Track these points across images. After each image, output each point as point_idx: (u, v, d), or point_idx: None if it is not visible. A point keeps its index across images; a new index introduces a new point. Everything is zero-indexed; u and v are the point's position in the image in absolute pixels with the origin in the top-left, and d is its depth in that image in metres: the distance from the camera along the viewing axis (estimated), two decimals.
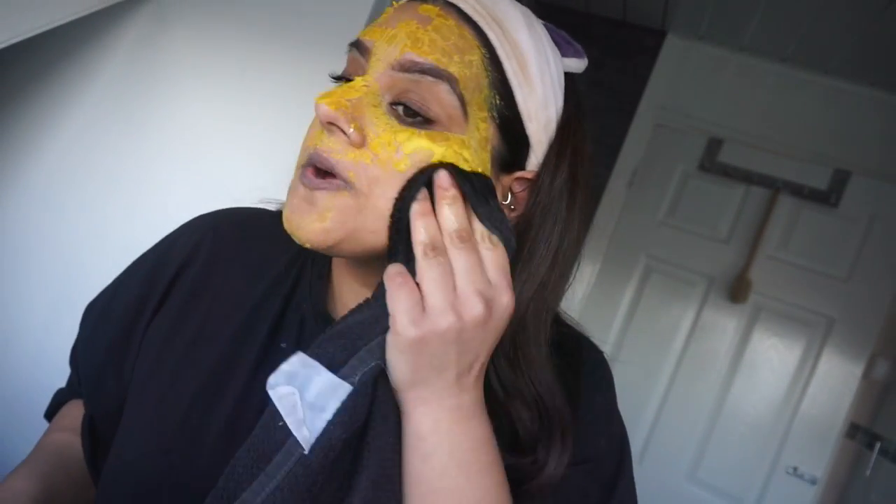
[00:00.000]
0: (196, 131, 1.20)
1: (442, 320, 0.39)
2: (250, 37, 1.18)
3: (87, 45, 1.22)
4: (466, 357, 0.41)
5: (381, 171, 0.42)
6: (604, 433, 0.53)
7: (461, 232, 0.41)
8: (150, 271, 0.58)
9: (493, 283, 0.41)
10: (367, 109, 0.43)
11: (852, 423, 1.96)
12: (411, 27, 0.43)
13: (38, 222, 1.23)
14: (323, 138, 0.43)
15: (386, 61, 0.43)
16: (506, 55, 0.45)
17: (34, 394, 0.70)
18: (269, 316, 0.53)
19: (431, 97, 0.43)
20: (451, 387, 0.42)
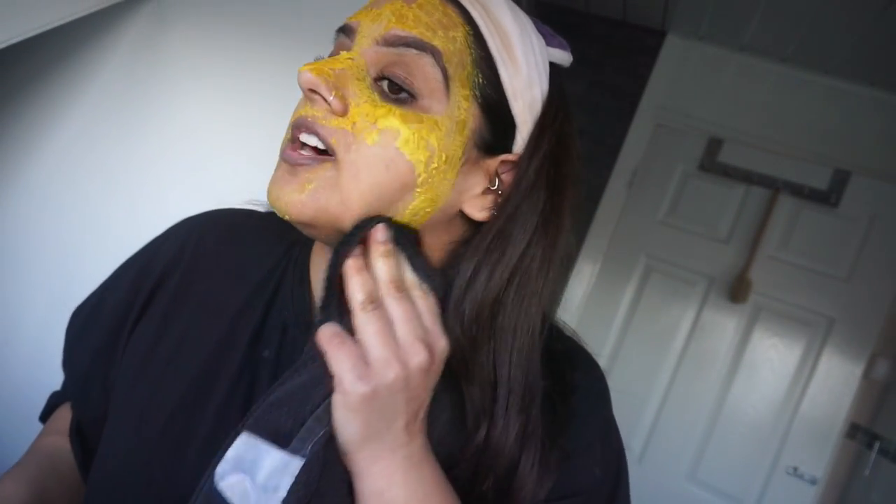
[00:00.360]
0: (196, 131, 1.20)
1: (389, 371, 0.39)
2: (250, 37, 1.18)
3: (87, 45, 1.22)
4: (413, 404, 0.42)
5: (355, 140, 0.42)
6: (599, 461, 0.51)
7: (397, 282, 0.42)
8: (135, 277, 0.58)
9: (429, 329, 0.42)
10: (351, 81, 0.43)
11: (852, 423, 1.96)
12: (396, 5, 0.44)
13: (37, 222, 1.23)
14: (307, 107, 0.44)
15: (371, 37, 0.44)
16: (489, 33, 0.46)
17: (33, 393, 0.70)
18: (251, 324, 0.53)
19: (416, 69, 0.43)
20: (401, 437, 0.42)
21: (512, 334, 0.46)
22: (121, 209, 1.20)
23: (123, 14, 1.20)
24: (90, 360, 0.58)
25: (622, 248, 2.18)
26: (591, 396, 0.53)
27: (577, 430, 0.50)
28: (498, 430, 0.46)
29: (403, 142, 0.42)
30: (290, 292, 0.54)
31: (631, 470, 0.54)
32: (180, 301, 0.55)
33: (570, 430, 0.49)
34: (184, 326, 0.54)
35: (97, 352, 0.58)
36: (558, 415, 0.49)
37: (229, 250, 0.57)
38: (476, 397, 0.46)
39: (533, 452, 0.46)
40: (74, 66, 1.23)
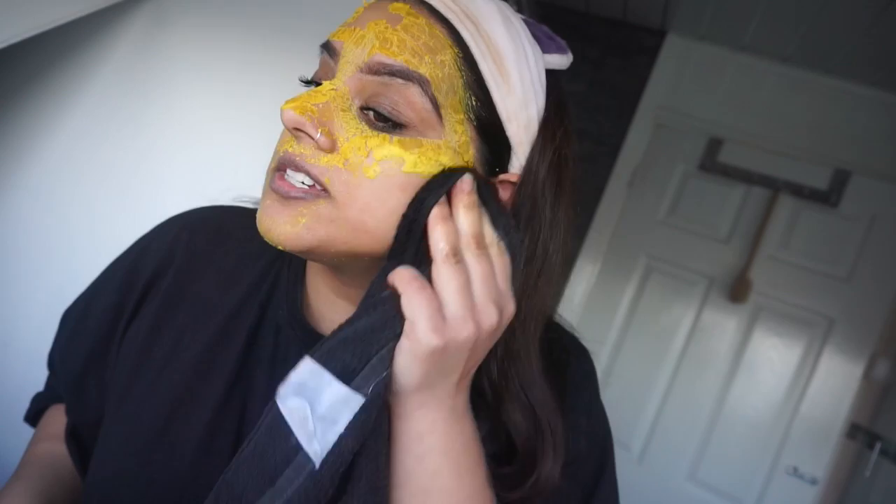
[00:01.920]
0: (196, 131, 1.20)
1: (463, 329, 0.39)
2: (250, 37, 1.18)
3: (87, 45, 1.22)
4: (470, 363, 0.42)
5: (351, 177, 0.41)
6: (584, 433, 0.53)
7: (478, 237, 0.41)
8: (126, 277, 0.57)
9: (502, 291, 0.42)
10: (336, 114, 0.41)
11: (853, 424, 1.96)
12: (380, 27, 0.42)
13: (37, 222, 1.23)
14: (293, 143, 0.42)
15: (355, 64, 0.42)
16: (481, 54, 0.43)
17: (33, 393, 0.70)
18: (246, 325, 0.52)
19: (402, 100, 0.41)
20: (452, 390, 0.42)
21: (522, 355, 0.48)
22: (121, 209, 1.20)
23: (123, 14, 1.20)
24: (83, 364, 0.58)
25: (622, 248, 2.18)
26: (577, 375, 0.55)
27: (566, 405, 0.52)
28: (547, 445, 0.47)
29: (411, 165, 0.41)
30: (285, 293, 0.53)
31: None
32: (173, 302, 0.54)
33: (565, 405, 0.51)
34: (178, 327, 0.53)
35: (90, 354, 0.57)
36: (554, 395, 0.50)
37: (221, 250, 0.57)
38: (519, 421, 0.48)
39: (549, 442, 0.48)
40: (74, 66, 1.23)
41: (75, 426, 0.60)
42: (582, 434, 0.52)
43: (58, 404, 0.66)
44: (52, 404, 0.66)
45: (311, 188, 0.41)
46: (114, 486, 0.49)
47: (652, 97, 2.17)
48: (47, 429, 0.63)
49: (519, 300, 0.45)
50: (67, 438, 0.60)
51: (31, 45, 1.03)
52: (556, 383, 0.51)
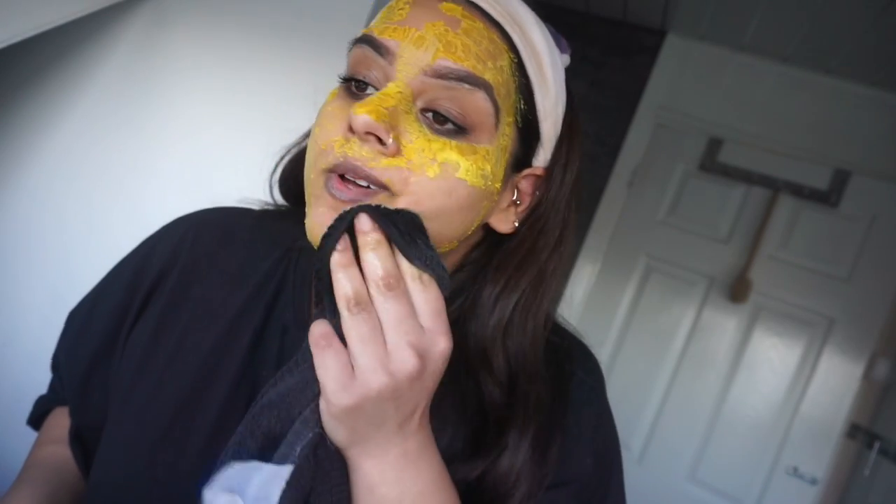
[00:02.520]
0: (196, 131, 1.20)
1: (373, 381, 0.37)
2: (250, 37, 1.18)
3: (87, 45, 1.22)
4: (404, 409, 0.40)
5: (412, 174, 0.41)
6: (592, 452, 0.51)
7: (388, 279, 0.38)
8: (131, 278, 0.57)
9: (426, 328, 0.39)
10: (401, 117, 0.41)
11: (852, 424, 1.96)
12: (439, 29, 0.42)
13: (37, 222, 1.23)
14: (353, 146, 0.41)
15: (417, 66, 0.41)
16: (528, 57, 0.45)
17: (33, 393, 0.70)
18: (251, 326, 0.52)
19: (468, 105, 0.42)
20: (394, 437, 0.40)
21: (526, 333, 0.49)
22: (120, 209, 1.20)
23: (123, 14, 1.20)
24: (88, 364, 0.58)
25: (622, 248, 2.18)
26: (584, 388, 0.54)
27: (570, 421, 0.51)
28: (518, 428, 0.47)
29: (464, 172, 0.42)
30: (292, 295, 0.53)
31: (631, 470, 0.55)
32: (178, 303, 0.54)
33: (564, 420, 0.50)
34: (182, 328, 0.53)
35: (95, 355, 0.57)
36: (554, 408, 0.50)
37: (226, 251, 0.56)
38: (496, 397, 0.47)
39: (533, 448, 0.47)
40: (74, 66, 1.23)
41: (79, 428, 0.60)
42: (588, 452, 0.51)
43: (61, 407, 0.65)
44: (56, 407, 0.66)
45: (369, 189, 0.41)
46: (117, 488, 0.49)
47: (652, 97, 2.17)
48: (51, 432, 0.63)
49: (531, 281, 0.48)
50: (71, 441, 0.60)
51: (31, 45, 1.03)
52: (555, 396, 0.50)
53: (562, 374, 0.52)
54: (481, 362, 0.48)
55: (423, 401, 0.41)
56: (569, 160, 0.50)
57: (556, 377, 0.51)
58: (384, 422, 0.39)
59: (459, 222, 0.44)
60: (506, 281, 0.48)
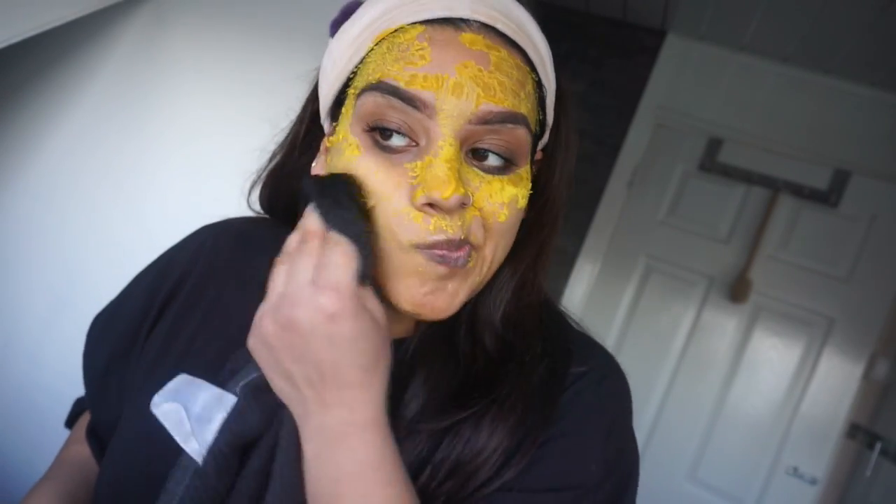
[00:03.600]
0: (196, 131, 1.20)
1: (260, 327, 0.40)
2: (250, 37, 1.18)
3: (87, 45, 1.22)
4: (301, 367, 0.39)
5: (487, 224, 0.43)
6: (599, 460, 0.47)
7: (308, 234, 0.40)
8: (152, 283, 0.59)
9: (315, 283, 0.38)
10: (464, 171, 0.42)
11: (852, 424, 1.96)
12: (472, 71, 0.41)
13: (37, 222, 1.23)
14: (444, 222, 0.41)
15: (461, 117, 0.41)
16: (541, 68, 0.46)
17: (33, 393, 0.70)
18: None
19: (512, 141, 0.43)
20: (310, 403, 0.40)
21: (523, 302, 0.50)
22: (121, 209, 1.20)
23: (123, 14, 1.20)
24: (106, 365, 0.59)
25: (622, 248, 2.18)
26: (600, 392, 0.51)
27: (574, 422, 0.48)
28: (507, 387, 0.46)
29: (522, 201, 0.45)
30: None
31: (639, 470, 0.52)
32: (192, 305, 0.55)
33: (564, 421, 0.47)
34: (192, 330, 0.54)
35: (112, 356, 0.58)
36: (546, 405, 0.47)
37: (242, 257, 0.57)
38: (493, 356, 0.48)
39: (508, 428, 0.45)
40: (74, 66, 1.23)
41: (97, 424, 0.61)
42: (593, 460, 0.47)
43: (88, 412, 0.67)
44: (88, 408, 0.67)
45: (463, 249, 0.42)
46: (121, 485, 0.49)
47: (652, 97, 2.17)
48: (78, 432, 0.65)
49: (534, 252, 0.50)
50: (88, 435, 0.61)
51: (31, 45, 1.03)
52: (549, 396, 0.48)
53: (565, 368, 0.50)
54: (483, 323, 0.49)
55: (323, 365, 0.39)
56: (568, 139, 0.51)
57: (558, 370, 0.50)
58: (291, 376, 0.40)
59: None
60: (516, 258, 0.49)
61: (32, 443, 0.64)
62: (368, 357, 0.40)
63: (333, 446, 0.40)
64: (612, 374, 0.53)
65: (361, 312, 0.39)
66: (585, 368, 0.51)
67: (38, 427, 0.68)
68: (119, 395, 0.57)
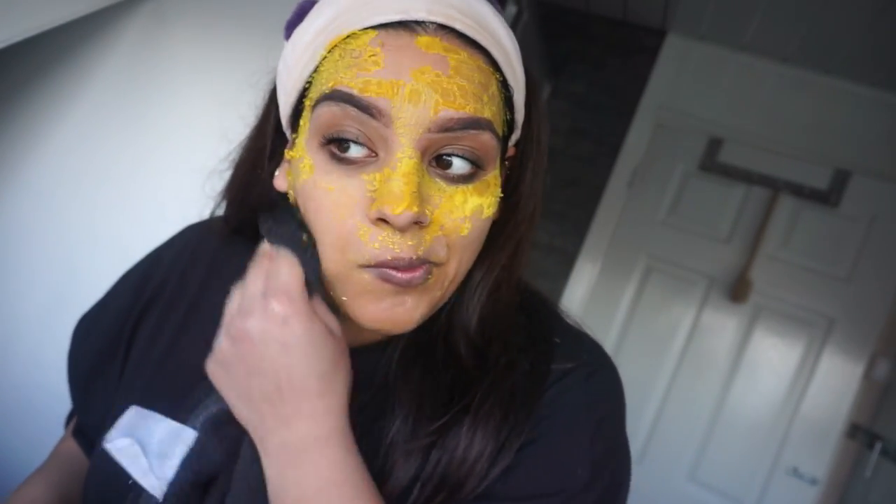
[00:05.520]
0: (196, 132, 1.20)
1: (217, 349, 0.42)
2: (250, 37, 1.18)
3: (87, 45, 1.22)
4: (256, 380, 0.40)
5: (449, 239, 0.40)
6: (586, 462, 0.45)
7: (258, 256, 0.43)
8: (137, 283, 0.58)
9: (264, 294, 0.41)
10: (424, 186, 0.39)
11: (853, 424, 1.96)
12: (429, 76, 0.38)
13: (37, 222, 1.23)
14: (395, 239, 0.38)
15: (420, 126, 0.38)
16: (506, 66, 0.43)
17: (33, 393, 0.70)
18: None
19: (476, 147, 0.40)
20: (268, 419, 0.40)
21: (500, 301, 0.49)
22: (120, 209, 1.20)
23: (123, 14, 1.20)
24: (91, 364, 0.59)
25: (622, 248, 2.18)
26: (587, 389, 0.48)
27: (558, 422, 0.45)
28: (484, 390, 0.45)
29: (488, 210, 0.42)
30: None
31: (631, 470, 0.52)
32: (174, 305, 0.55)
33: (548, 421, 0.45)
34: (176, 329, 0.54)
35: (98, 355, 0.58)
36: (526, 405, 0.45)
37: (224, 257, 0.57)
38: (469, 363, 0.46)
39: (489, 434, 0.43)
40: (74, 66, 1.23)
41: (82, 426, 0.61)
42: (579, 463, 0.44)
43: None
44: None
45: (421, 266, 0.40)
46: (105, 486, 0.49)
47: (652, 97, 2.17)
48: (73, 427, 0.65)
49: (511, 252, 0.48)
50: (75, 433, 0.61)
51: (31, 45, 1.03)
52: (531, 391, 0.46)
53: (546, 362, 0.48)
54: (457, 330, 0.47)
55: (278, 374, 0.39)
56: (539, 133, 0.49)
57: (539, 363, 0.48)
58: (248, 395, 0.40)
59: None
60: (490, 260, 0.47)
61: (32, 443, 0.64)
62: (325, 364, 0.40)
63: (295, 464, 0.39)
64: (601, 370, 0.50)
65: (313, 317, 0.40)
66: (572, 364, 0.48)
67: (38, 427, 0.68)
68: (104, 397, 0.56)
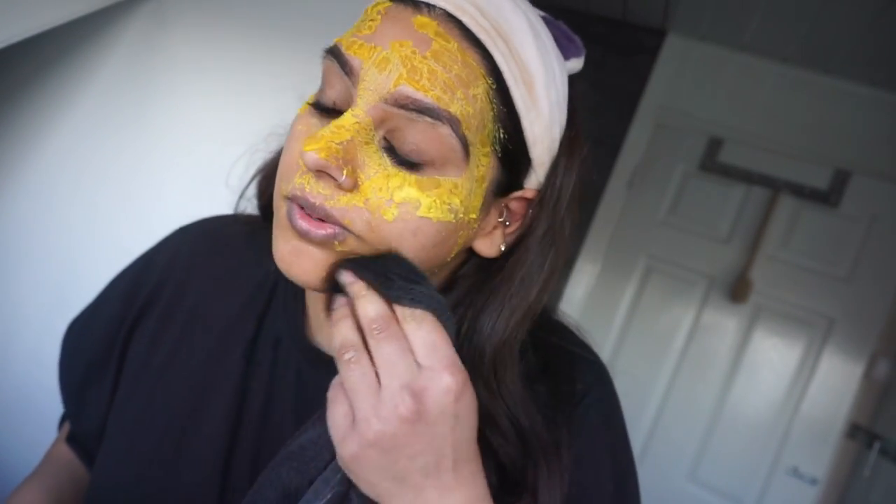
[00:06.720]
0: (196, 132, 1.20)
1: (367, 431, 0.36)
2: (250, 37, 1.18)
3: (87, 45, 1.22)
4: (422, 459, 0.37)
5: (371, 217, 0.38)
6: (610, 476, 0.48)
7: (378, 320, 0.37)
8: (128, 289, 0.57)
9: (424, 366, 0.37)
10: (360, 148, 0.38)
11: (853, 424, 1.96)
12: (406, 50, 0.37)
13: (37, 222, 1.23)
14: (310, 181, 0.38)
15: (378, 93, 0.37)
16: (513, 79, 0.40)
17: (33, 393, 0.70)
18: (244, 337, 0.51)
19: (428, 139, 0.38)
20: (429, 492, 0.38)
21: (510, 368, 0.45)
22: (120, 209, 1.20)
23: (123, 14, 1.20)
24: (84, 373, 0.58)
25: (622, 248, 2.18)
26: (602, 408, 0.50)
27: (587, 442, 0.48)
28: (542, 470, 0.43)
29: (426, 209, 0.39)
30: (283, 306, 0.52)
31: None
32: (171, 315, 0.54)
33: (579, 441, 0.47)
34: (175, 340, 0.53)
35: (90, 364, 0.57)
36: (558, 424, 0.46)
37: (218, 260, 0.56)
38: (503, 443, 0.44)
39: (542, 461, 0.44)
40: (74, 66, 1.23)
41: (76, 434, 0.60)
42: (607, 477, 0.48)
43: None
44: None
45: (333, 227, 0.39)
46: (111, 498, 0.49)
47: (652, 97, 2.17)
48: (66, 431, 0.64)
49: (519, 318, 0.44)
50: (69, 441, 0.61)
51: (31, 45, 1.03)
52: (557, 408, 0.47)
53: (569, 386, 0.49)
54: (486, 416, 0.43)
55: (446, 448, 0.37)
56: (563, 183, 0.45)
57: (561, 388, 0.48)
58: (405, 475, 0.37)
59: (434, 256, 0.42)
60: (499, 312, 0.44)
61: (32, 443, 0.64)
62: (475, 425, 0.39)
63: None
64: (609, 382, 0.52)
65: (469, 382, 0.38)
66: (590, 382, 0.50)
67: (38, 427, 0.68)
68: (98, 407, 0.56)
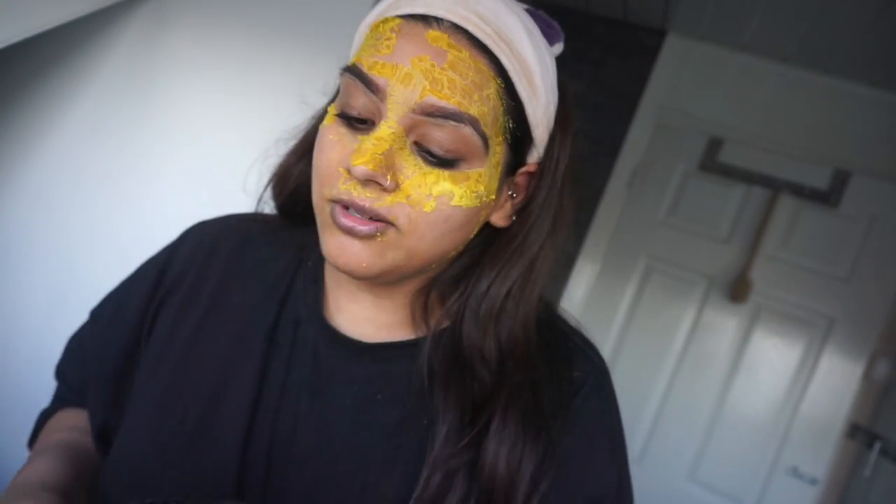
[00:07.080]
0: (196, 132, 1.20)
1: None
2: (250, 37, 1.18)
3: (87, 45, 1.22)
4: None
5: (412, 210, 0.44)
6: (610, 464, 0.52)
7: None
8: (154, 278, 0.59)
9: None
10: (396, 154, 0.44)
11: (853, 424, 1.96)
12: (426, 64, 0.43)
13: (37, 222, 1.23)
14: (357, 187, 0.44)
15: (406, 105, 0.43)
16: (517, 76, 0.46)
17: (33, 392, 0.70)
18: (266, 321, 0.54)
19: (455, 139, 0.44)
20: None
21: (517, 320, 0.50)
22: (120, 208, 1.20)
23: (123, 14, 1.20)
24: (121, 359, 0.59)
25: (622, 248, 2.18)
26: (601, 395, 0.54)
27: (587, 430, 0.51)
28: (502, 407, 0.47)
29: (458, 199, 0.45)
30: (303, 290, 0.55)
31: (631, 470, 0.54)
32: (194, 300, 0.56)
33: (577, 428, 0.51)
34: (196, 323, 0.55)
35: (126, 351, 0.59)
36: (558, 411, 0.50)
37: (242, 253, 0.59)
38: (486, 379, 0.49)
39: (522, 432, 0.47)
40: (74, 66, 1.23)
41: (106, 423, 0.59)
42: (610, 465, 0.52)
43: (66, 409, 0.66)
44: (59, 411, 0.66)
45: (378, 222, 0.44)
46: (133, 476, 0.50)
47: (652, 97, 2.17)
48: (62, 422, 0.64)
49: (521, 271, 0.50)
50: (96, 439, 0.60)
51: (31, 45, 1.03)
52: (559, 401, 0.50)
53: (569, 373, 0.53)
54: (474, 349, 0.50)
55: None
56: (560, 153, 0.51)
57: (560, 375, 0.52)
58: None
59: (459, 238, 0.48)
60: (498, 271, 0.50)
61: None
62: None
63: None
64: (607, 375, 0.56)
65: None
66: (588, 370, 0.54)
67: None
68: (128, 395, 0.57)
